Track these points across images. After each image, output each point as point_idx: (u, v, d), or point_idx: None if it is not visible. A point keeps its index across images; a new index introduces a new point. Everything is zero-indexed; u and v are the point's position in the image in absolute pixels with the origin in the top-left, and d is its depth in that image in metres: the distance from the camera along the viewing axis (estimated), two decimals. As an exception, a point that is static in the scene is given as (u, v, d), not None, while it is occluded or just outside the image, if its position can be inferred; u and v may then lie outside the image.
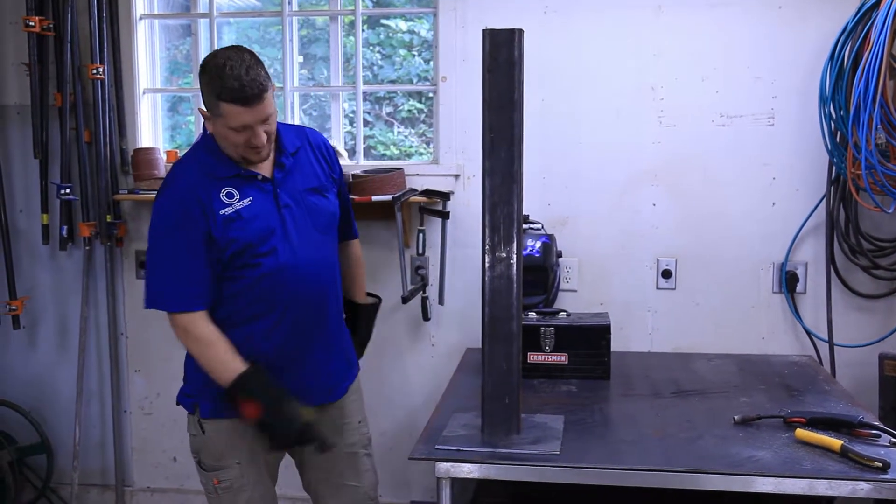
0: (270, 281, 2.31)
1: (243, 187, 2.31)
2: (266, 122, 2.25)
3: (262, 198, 2.33)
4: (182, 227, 2.25)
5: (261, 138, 2.24)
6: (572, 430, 2.41)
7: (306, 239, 2.36)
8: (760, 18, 3.33)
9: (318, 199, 2.43)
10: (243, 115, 2.19)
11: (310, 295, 2.37)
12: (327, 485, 2.60)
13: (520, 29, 2.22)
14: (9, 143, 3.83)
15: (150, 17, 3.83)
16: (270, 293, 2.32)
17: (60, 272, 3.88)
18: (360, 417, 2.62)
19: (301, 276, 2.34)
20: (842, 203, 3.30)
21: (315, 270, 2.38)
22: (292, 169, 2.40)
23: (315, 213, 2.40)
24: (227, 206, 2.28)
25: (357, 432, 2.60)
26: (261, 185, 2.34)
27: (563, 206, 3.50)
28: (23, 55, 3.66)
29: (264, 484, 2.50)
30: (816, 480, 2.08)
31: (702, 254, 3.45)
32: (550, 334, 2.99)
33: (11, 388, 3.95)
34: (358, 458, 2.60)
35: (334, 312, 2.49)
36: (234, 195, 2.30)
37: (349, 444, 2.57)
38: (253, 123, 2.22)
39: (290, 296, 2.33)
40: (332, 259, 2.47)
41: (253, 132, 2.23)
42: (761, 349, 3.44)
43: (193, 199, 2.26)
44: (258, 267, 2.29)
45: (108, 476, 3.95)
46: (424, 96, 3.83)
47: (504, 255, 2.26)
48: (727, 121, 3.38)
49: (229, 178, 2.31)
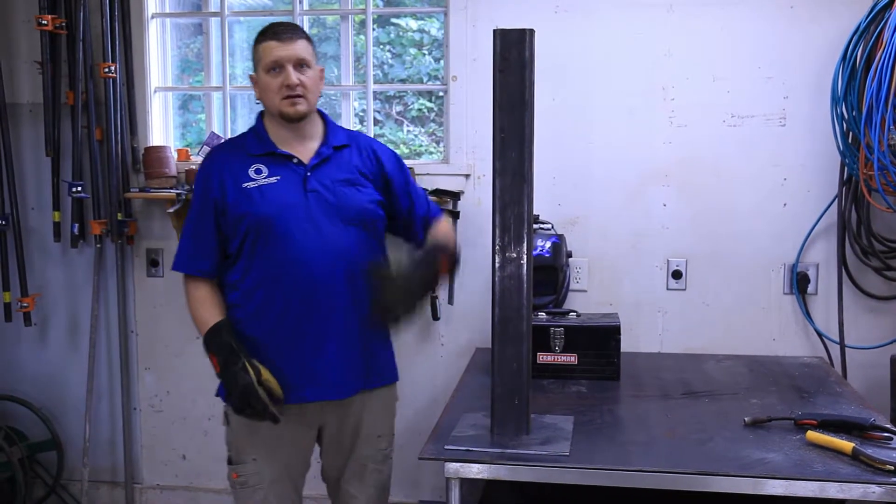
0: (280, 259, 2.35)
1: (275, 166, 2.40)
2: (300, 68, 2.36)
3: (290, 178, 2.39)
4: (201, 197, 2.42)
5: (292, 77, 2.33)
6: (582, 431, 2.41)
7: (327, 226, 2.37)
8: (772, 18, 3.32)
9: (351, 190, 2.43)
10: (276, 50, 2.34)
11: (318, 281, 2.36)
12: (336, 484, 2.63)
13: (531, 29, 2.22)
14: (21, 141, 3.84)
15: (161, 16, 3.84)
16: (279, 272, 2.35)
17: (71, 269, 3.90)
18: (380, 432, 2.57)
19: (312, 260, 2.35)
20: (854, 204, 3.29)
21: (329, 259, 2.36)
22: (330, 160, 2.45)
23: (344, 202, 2.41)
24: (252, 180, 2.38)
25: (372, 446, 2.56)
26: (294, 167, 2.41)
27: (573, 206, 3.49)
28: (35, 54, 3.68)
29: (283, 485, 2.50)
30: (827, 483, 2.06)
31: (712, 254, 3.44)
32: (560, 335, 2.99)
33: (22, 384, 3.97)
34: (366, 470, 2.58)
35: (347, 305, 2.40)
36: (262, 171, 2.39)
37: (361, 455, 2.56)
38: (284, 61, 2.34)
39: (298, 278, 2.35)
40: (353, 251, 2.39)
41: (285, 72, 2.34)
42: (772, 350, 3.43)
43: (216, 171, 2.41)
44: (270, 245, 2.35)
45: (117, 473, 3.97)
46: (435, 95, 3.83)
47: (514, 255, 2.26)
48: (738, 121, 3.37)
49: (263, 156, 2.42)
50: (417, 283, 2.32)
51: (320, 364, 2.41)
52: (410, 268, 2.32)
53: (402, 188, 2.55)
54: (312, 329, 2.39)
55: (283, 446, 2.47)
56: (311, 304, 2.37)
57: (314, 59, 2.44)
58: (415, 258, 2.37)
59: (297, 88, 2.36)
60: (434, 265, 2.37)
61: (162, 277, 3.84)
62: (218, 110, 3.84)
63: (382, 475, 2.62)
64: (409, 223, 2.58)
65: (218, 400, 2.48)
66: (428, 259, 2.38)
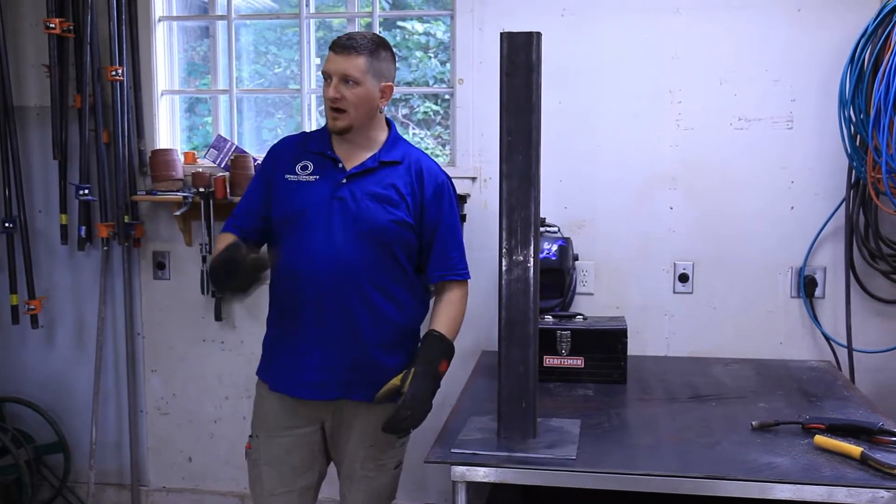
0: (291, 258, 2.43)
1: (320, 166, 2.48)
2: (346, 84, 2.38)
3: (327, 181, 2.46)
4: (259, 174, 2.60)
5: (330, 91, 2.38)
6: (589, 435, 2.40)
7: (340, 234, 2.41)
8: (779, 21, 3.31)
9: (376, 206, 2.43)
10: (329, 62, 2.40)
11: (318, 285, 2.40)
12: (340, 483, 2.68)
13: (538, 32, 2.22)
14: (29, 144, 3.85)
15: (168, 19, 3.85)
16: (291, 269, 2.43)
17: (78, 272, 3.91)
18: (372, 442, 2.54)
19: (317, 264, 2.39)
20: (861, 207, 3.28)
21: (333, 266, 2.39)
22: (373, 173, 2.47)
23: (363, 216, 2.42)
24: (295, 175, 2.48)
25: (363, 453, 2.55)
26: (335, 172, 2.47)
27: (579, 209, 3.49)
28: (43, 57, 3.69)
29: (281, 470, 2.55)
30: (836, 488, 2.05)
31: (719, 258, 3.44)
32: (567, 338, 2.98)
33: (29, 387, 3.98)
34: (355, 474, 2.59)
35: (341, 314, 2.41)
36: (307, 168, 2.49)
37: (352, 458, 2.58)
38: (332, 73, 2.39)
39: (297, 278, 2.42)
40: (360, 264, 2.40)
41: (329, 83, 2.40)
42: (779, 354, 3.42)
43: (275, 156, 2.56)
44: (286, 240, 2.45)
45: (124, 475, 3.97)
46: (441, 98, 3.83)
47: (521, 258, 2.26)
48: (745, 124, 3.36)
49: (314, 154, 2.50)
50: (425, 397, 2.36)
51: (305, 363, 2.46)
52: (416, 387, 2.33)
53: (432, 222, 2.50)
54: (304, 329, 2.45)
55: (284, 431, 2.54)
56: (308, 305, 2.43)
57: (375, 75, 2.41)
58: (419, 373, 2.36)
59: (336, 103, 2.40)
60: (437, 376, 2.40)
61: (168, 280, 3.84)
62: (224, 113, 3.85)
63: (375, 482, 2.60)
64: (425, 260, 2.54)
65: (224, 401, 2.52)
66: (431, 372, 2.39)
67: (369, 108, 2.44)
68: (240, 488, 3.86)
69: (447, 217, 2.52)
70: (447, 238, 2.52)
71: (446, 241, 2.52)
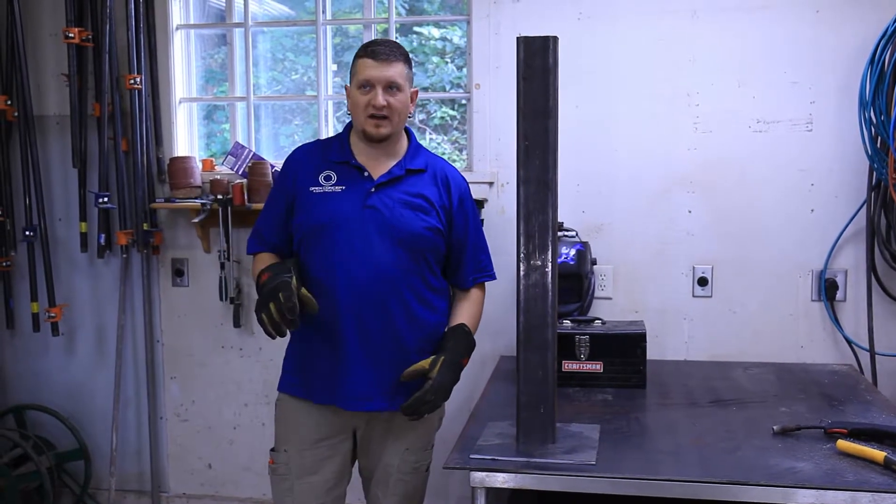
0: (322, 267, 2.42)
1: (345, 176, 2.47)
2: (390, 90, 2.39)
3: (355, 191, 2.44)
4: (278, 187, 2.58)
5: (379, 99, 2.37)
6: (608, 440, 2.39)
7: (378, 243, 2.41)
8: (797, 22, 3.29)
9: (410, 213, 2.45)
10: (370, 70, 2.38)
11: (358, 296, 2.40)
12: (367, 485, 2.68)
13: (554, 36, 2.21)
14: (48, 152, 3.89)
15: (186, 28, 3.87)
16: (322, 278, 2.42)
17: (98, 280, 3.93)
18: (409, 445, 2.58)
19: (356, 274, 2.40)
20: (883, 209, 3.24)
21: (373, 276, 2.40)
22: (401, 181, 2.48)
23: (398, 223, 2.43)
24: (320, 186, 2.46)
25: (399, 457, 2.58)
26: (362, 181, 2.46)
27: (597, 213, 3.48)
28: (62, 66, 3.72)
29: (312, 482, 2.54)
30: (859, 493, 2.03)
31: (738, 261, 3.41)
32: (585, 342, 2.97)
33: (50, 394, 4.01)
34: (391, 478, 2.59)
35: (383, 324, 2.43)
36: (331, 178, 2.47)
37: (387, 463, 2.59)
38: (376, 81, 2.38)
39: (335, 290, 2.41)
40: (398, 273, 2.42)
41: (374, 92, 2.38)
42: (800, 358, 3.39)
43: (293, 168, 2.53)
44: (316, 250, 2.43)
45: (144, 482, 3.99)
46: (457, 103, 3.83)
47: (539, 263, 2.25)
48: (764, 126, 3.34)
49: (337, 164, 2.48)
50: (448, 386, 2.43)
51: (348, 375, 2.45)
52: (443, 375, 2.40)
53: (460, 228, 2.56)
54: (345, 340, 2.43)
55: (317, 443, 2.53)
56: (347, 317, 2.42)
57: (409, 81, 2.47)
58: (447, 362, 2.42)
59: (382, 110, 2.40)
60: (460, 368, 2.47)
61: (187, 287, 3.86)
62: (242, 120, 3.87)
63: (409, 486, 2.62)
64: (456, 265, 2.60)
65: (243, 408, 2.52)
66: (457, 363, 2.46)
67: (405, 113, 2.48)
68: (259, 495, 3.87)
69: (473, 222, 2.61)
70: (477, 242, 2.63)
71: (477, 246, 2.62)
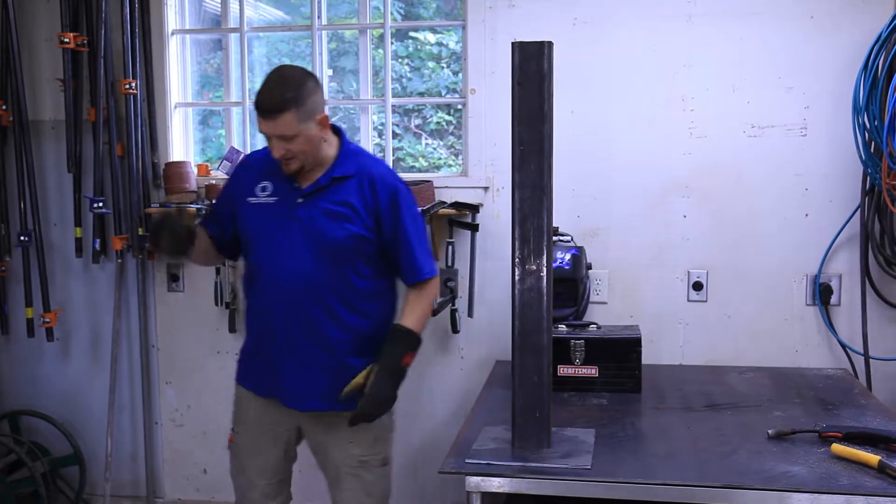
0: (257, 275, 2.55)
1: (279, 186, 2.54)
2: (285, 140, 2.41)
3: (285, 202, 2.52)
4: (228, 185, 2.70)
5: (275, 151, 2.43)
6: (603, 444, 2.39)
7: (302, 254, 2.47)
8: (792, 28, 3.30)
9: (331, 224, 2.48)
10: (261, 125, 2.43)
11: (281, 304, 2.48)
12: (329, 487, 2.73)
13: (549, 41, 2.22)
14: (43, 157, 3.88)
15: (181, 33, 3.87)
16: (257, 286, 2.55)
17: (93, 285, 3.93)
18: (351, 439, 2.56)
19: (278, 284, 2.48)
20: (877, 214, 3.26)
21: (294, 285, 2.47)
22: (326, 190, 2.51)
23: (321, 235, 2.48)
24: (256, 196, 2.55)
25: (343, 451, 2.59)
26: (292, 192, 2.52)
27: (592, 218, 3.48)
28: (57, 71, 3.72)
29: (259, 462, 2.67)
30: (854, 497, 2.04)
31: (733, 266, 3.42)
32: (580, 347, 2.97)
33: (45, 399, 4.00)
34: (340, 473, 2.61)
35: (306, 331, 2.48)
36: (267, 189, 2.56)
37: (334, 458, 2.62)
38: (269, 135, 2.43)
39: (265, 296, 2.52)
40: (323, 281, 2.47)
41: (272, 143, 2.44)
42: (795, 362, 3.40)
43: (241, 176, 2.64)
44: (252, 257, 2.57)
45: (139, 487, 3.98)
46: (453, 108, 3.84)
47: (534, 267, 2.25)
48: (759, 131, 3.35)
49: (274, 174, 2.55)
50: (386, 394, 2.46)
51: (281, 377, 2.55)
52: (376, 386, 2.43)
53: (391, 227, 2.54)
54: (277, 345, 2.52)
55: (262, 428, 2.65)
56: (277, 323, 2.51)
57: (304, 120, 2.40)
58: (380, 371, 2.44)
59: (284, 158, 2.44)
60: (399, 370, 2.48)
61: (182, 292, 3.86)
62: (238, 125, 3.87)
63: (362, 481, 2.61)
64: (395, 266, 2.60)
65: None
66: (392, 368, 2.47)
67: (315, 145, 2.47)
68: (254, 500, 3.86)
69: (406, 222, 2.55)
70: (411, 243, 2.56)
71: (410, 247, 2.56)
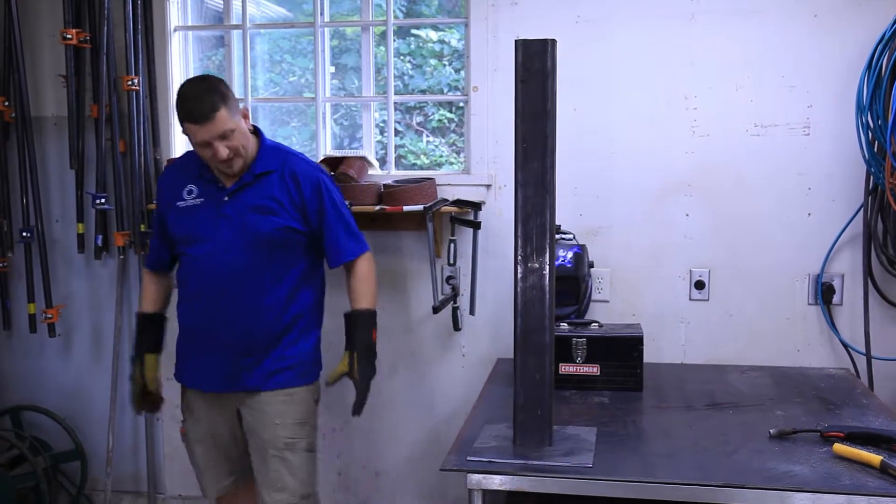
0: (189, 270, 2.72)
1: (203, 188, 2.70)
2: (226, 138, 2.55)
3: (211, 202, 2.68)
4: (157, 208, 2.86)
5: (220, 153, 2.55)
6: (605, 443, 2.39)
7: (231, 247, 2.64)
8: (796, 27, 3.30)
9: (258, 217, 2.65)
10: (200, 133, 2.52)
11: (217, 294, 2.66)
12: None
13: (553, 39, 2.22)
14: (46, 153, 3.88)
15: (184, 29, 3.87)
16: (189, 280, 2.72)
17: (95, 281, 3.93)
18: (279, 420, 2.72)
19: (213, 276, 2.66)
20: (880, 214, 3.25)
21: (228, 275, 2.64)
22: (250, 186, 2.67)
23: (250, 229, 2.64)
24: (184, 200, 2.72)
25: (269, 430, 2.72)
26: (217, 191, 2.69)
27: (594, 216, 3.48)
28: (60, 67, 3.72)
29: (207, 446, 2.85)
30: (855, 497, 2.04)
31: (736, 265, 3.42)
32: (582, 345, 2.97)
33: (47, 395, 4.00)
34: (267, 456, 2.74)
35: (233, 319, 2.66)
36: (193, 192, 2.72)
37: (260, 438, 2.74)
38: (210, 139, 2.53)
39: (202, 289, 2.69)
40: (251, 273, 2.65)
41: (213, 148, 2.55)
42: (797, 362, 3.39)
43: (162, 189, 2.82)
44: (185, 256, 2.73)
45: (140, 483, 3.98)
46: (455, 106, 3.84)
47: (536, 265, 2.25)
48: (761, 130, 3.35)
49: (196, 178, 2.72)
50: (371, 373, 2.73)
51: (203, 361, 2.75)
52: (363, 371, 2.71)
53: (316, 217, 2.72)
54: (203, 332, 2.72)
55: (206, 414, 2.82)
56: (205, 313, 2.70)
57: (235, 114, 2.59)
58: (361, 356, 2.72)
59: (231, 156, 2.59)
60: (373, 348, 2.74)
61: (184, 288, 3.85)
62: (240, 122, 3.86)
63: (286, 464, 2.72)
64: (325, 251, 2.79)
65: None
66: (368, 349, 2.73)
67: (248, 138, 2.67)
68: (255, 496, 3.86)
69: (329, 208, 2.74)
70: (334, 227, 2.75)
71: (335, 231, 2.75)
